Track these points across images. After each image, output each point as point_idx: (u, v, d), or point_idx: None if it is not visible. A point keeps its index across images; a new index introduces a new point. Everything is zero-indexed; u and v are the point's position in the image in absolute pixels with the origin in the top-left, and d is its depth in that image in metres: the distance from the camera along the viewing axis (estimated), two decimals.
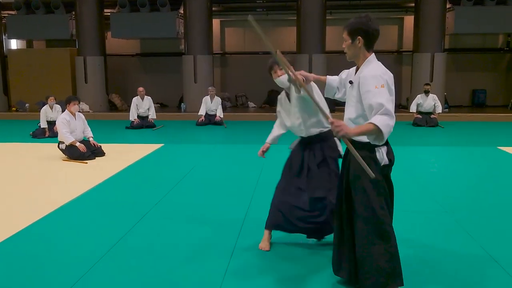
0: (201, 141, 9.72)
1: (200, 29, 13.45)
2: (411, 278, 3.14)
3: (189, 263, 3.51)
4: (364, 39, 2.76)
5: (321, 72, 13.03)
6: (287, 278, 3.27)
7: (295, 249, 3.78)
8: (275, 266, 3.46)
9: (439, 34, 12.89)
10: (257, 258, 3.61)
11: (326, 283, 3.16)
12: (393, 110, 2.64)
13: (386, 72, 2.75)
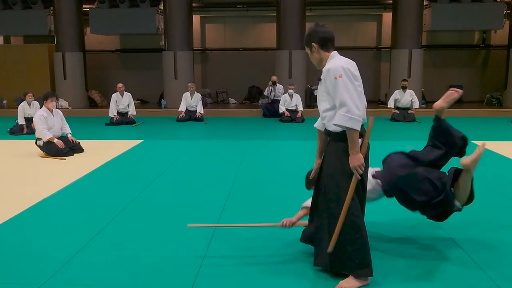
0: (181, 137, 9.74)
1: (180, 25, 13.42)
2: (381, 268, 3.25)
3: (164, 259, 3.55)
4: (317, 43, 3.03)
5: (301, 68, 13.18)
6: (265, 271, 3.35)
7: (270, 247, 3.85)
8: (248, 266, 3.53)
9: (417, 30, 13.08)
10: (230, 258, 3.67)
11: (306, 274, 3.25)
12: (353, 98, 2.81)
13: (347, 62, 2.93)
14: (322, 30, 3.04)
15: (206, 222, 4.28)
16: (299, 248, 3.59)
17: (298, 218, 3.59)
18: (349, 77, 2.83)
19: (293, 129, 10.46)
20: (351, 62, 2.97)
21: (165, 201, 4.98)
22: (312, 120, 13.97)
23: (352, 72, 2.87)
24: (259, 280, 3.18)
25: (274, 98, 12.45)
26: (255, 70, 15.18)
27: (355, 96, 2.81)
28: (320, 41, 3.03)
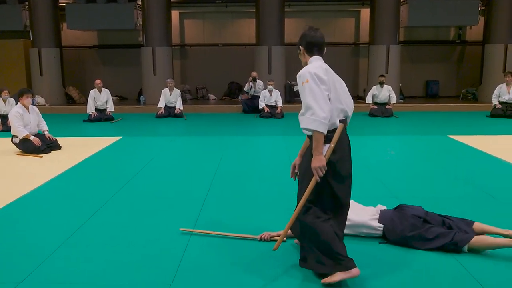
0: (161, 133, 9.70)
1: (159, 20, 13.32)
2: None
3: (144, 257, 3.54)
4: (304, 47, 3.13)
5: (280, 64, 13.21)
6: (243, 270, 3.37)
7: (248, 251, 3.88)
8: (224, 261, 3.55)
9: (394, 26, 13.23)
10: (210, 255, 3.69)
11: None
12: (318, 101, 2.85)
13: (317, 67, 2.97)
14: (311, 35, 3.10)
15: (186, 219, 4.28)
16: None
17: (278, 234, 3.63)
18: (315, 82, 2.88)
19: (273, 125, 10.50)
20: (321, 67, 3.00)
21: (145, 198, 4.97)
22: (292, 115, 14.20)
23: (319, 76, 2.90)
24: (242, 278, 3.21)
25: (254, 94, 12.47)
26: (235, 66, 15.17)
27: (321, 100, 2.85)
28: (306, 45, 3.11)
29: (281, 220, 4.22)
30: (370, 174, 5.87)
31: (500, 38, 13.24)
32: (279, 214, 4.34)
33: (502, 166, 6.30)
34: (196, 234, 3.90)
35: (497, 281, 3.07)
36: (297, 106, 13.32)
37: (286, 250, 3.57)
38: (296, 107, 13.10)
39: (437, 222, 3.61)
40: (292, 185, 5.31)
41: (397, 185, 5.39)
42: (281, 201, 4.79)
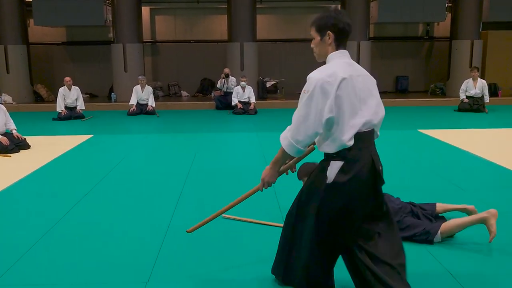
0: (133, 131, 9.59)
1: (129, 16, 13.13)
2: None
3: (117, 256, 3.51)
4: (335, 34, 2.44)
5: (253, 60, 13.22)
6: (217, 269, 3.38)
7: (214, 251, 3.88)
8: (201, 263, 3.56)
9: (364, 23, 13.40)
10: (185, 252, 3.69)
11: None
12: (303, 121, 2.34)
13: (331, 75, 2.33)
14: (344, 20, 2.44)
15: (161, 217, 4.26)
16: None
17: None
18: (317, 96, 2.31)
19: (246, 121, 10.51)
20: (337, 73, 2.33)
21: (118, 197, 4.91)
22: (265, 111, 14.23)
23: (325, 88, 2.30)
24: (218, 274, 3.22)
25: (226, 90, 12.45)
26: (207, 62, 15.10)
27: (307, 120, 2.32)
28: (338, 32, 2.44)
29: (258, 217, 4.25)
30: None
31: (467, 34, 13.58)
32: (255, 211, 4.36)
33: (470, 159, 6.48)
34: (171, 231, 3.89)
35: (467, 270, 3.16)
36: (270, 102, 13.41)
37: (267, 244, 3.60)
38: (269, 103, 13.16)
39: (407, 212, 3.75)
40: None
41: None
42: (258, 198, 4.81)
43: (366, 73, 2.50)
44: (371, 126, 2.41)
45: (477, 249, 3.49)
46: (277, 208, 4.48)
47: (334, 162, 2.40)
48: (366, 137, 2.40)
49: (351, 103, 2.34)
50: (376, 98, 2.45)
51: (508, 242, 3.61)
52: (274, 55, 15.34)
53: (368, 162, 2.40)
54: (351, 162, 2.37)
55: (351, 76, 2.35)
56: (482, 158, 6.47)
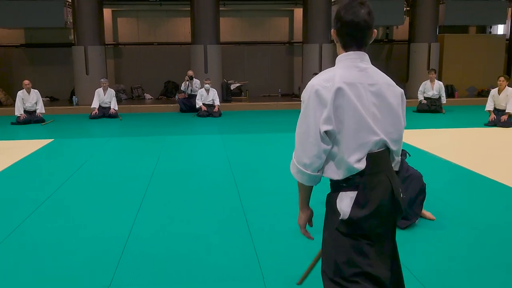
0: (95, 135, 9.46)
1: (90, 18, 12.95)
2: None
3: (77, 262, 3.49)
4: (337, 33, 1.97)
5: (216, 63, 13.26)
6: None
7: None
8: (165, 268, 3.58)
9: (326, 26, 13.63)
10: (147, 261, 3.70)
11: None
12: (304, 139, 1.87)
13: (330, 79, 1.86)
14: (350, 12, 1.88)
15: (123, 221, 4.23)
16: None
17: None
18: (313, 105, 1.85)
19: (211, 124, 10.53)
20: (334, 81, 1.85)
21: (79, 202, 4.87)
22: (229, 114, 14.27)
23: (321, 95, 1.83)
24: (180, 276, 3.25)
25: (191, 93, 12.44)
26: (171, 65, 15.04)
27: (309, 137, 1.86)
28: (340, 29, 1.94)
29: (222, 219, 4.31)
30: None
31: (424, 37, 14.03)
32: (220, 214, 4.41)
33: (428, 158, 6.72)
34: (133, 236, 3.90)
35: (428, 269, 3.31)
36: (235, 104, 13.46)
37: (221, 245, 3.65)
38: (234, 105, 13.22)
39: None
40: (233, 184, 5.41)
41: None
42: (221, 200, 4.87)
43: (386, 82, 1.94)
44: (384, 146, 1.90)
45: (432, 244, 3.65)
46: (245, 224, 4.54)
47: (344, 193, 1.88)
48: (381, 159, 1.89)
49: (356, 116, 1.83)
50: (394, 112, 1.92)
51: (464, 239, 3.79)
52: (238, 57, 15.41)
53: (387, 189, 1.88)
54: (368, 190, 1.85)
55: (359, 84, 1.86)
56: (439, 157, 6.72)
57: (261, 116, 11.75)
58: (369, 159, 1.85)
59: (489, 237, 3.78)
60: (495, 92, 9.75)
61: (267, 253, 3.50)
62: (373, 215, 1.85)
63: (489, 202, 4.69)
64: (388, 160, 1.93)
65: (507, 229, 3.95)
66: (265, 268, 3.26)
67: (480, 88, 14.65)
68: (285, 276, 3.13)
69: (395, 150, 1.94)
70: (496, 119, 9.48)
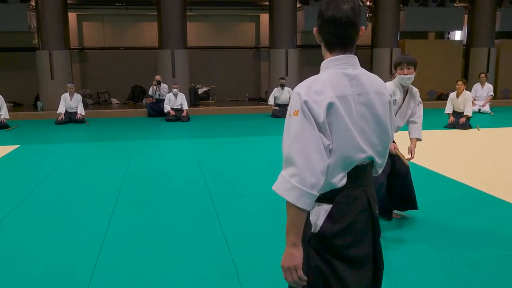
0: (62, 140, 9.36)
1: (55, 22, 12.78)
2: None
3: (49, 271, 3.48)
4: (318, 31, 1.79)
5: (184, 67, 13.31)
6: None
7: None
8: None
9: (292, 31, 13.91)
10: (121, 271, 3.76)
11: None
12: (307, 153, 1.62)
13: (321, 92, 1.66)
14: (331, 7, 1.71)
15: (95, 228, 4.24)
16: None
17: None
18: (306, 118, 1.64)
19: (179, 128, 10.59)
20: (327, 93, 1.66)
21: (49, 209, 4.83)
22: (198, 118, 14.29)
23: (311, 107, 1.64)
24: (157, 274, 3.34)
25: (159, 97, 12.46)
26: (138, 69, 14.98)
27: (312, 151, 1.62)
28: (320, 27, 1.77)
29: (195, 221, 4.41)
30: (273, 170, 6.22)
31: (386, 42, 14.50)
32: (193, 216, 4.51)
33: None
34: (107, 243, 3.94)
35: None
36: (203, 109, 13.55)
37: (194, 248, 3.76)
38: (202, 110, 13.30)
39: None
40: (204, 187, 5.52)
41: None
42: (194, 203, 4.97)
43: (375, 90, 1.76)
44: (367, 160, 1.76)
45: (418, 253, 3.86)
46: (218, 226, 4.66)
47: (319, 205, 1.73)
48: (362, 172, 1.76)
49: (346, 134, 1.68)
50: (382, 124, 1.77)
51: (431, 234, 4.03)
52: (206, 62, 15.50)
53: (364, 205, 1.76)
54: (343, 206, 1.72)
55: (350, 96, 1.69)
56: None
57: (229, 120, 11.88)
58: (350, 173, 1.72)
59: (450, 233, 4.03)
60: (453, 95, 10.21)
61: (242, 253, 3.62)
62: (346, 231, 1.71)
63: (448, 200, 4.97)
64: (369, 174, 1.80)
65: (464, 225, 4.21)
66: (240, 267, 3.38)
67: (440, 92, 15.21)
68: (260, 275, 3.27)
69: (379, 163, 1.81)
70: (455, 122, 9.93)
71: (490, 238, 3.90)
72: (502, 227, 4.14)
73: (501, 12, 15.52)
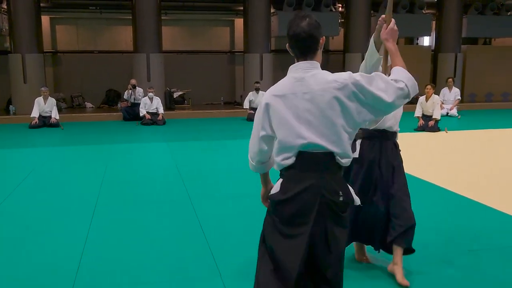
0: (37, 144, 9.31)
1: (28, 25, 12.64)
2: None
3: (30, 276, 3.47)
4: (288, 46, 2.24)
5: (159, 71, 13.36)
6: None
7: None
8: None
9: (266, 36, 14.12)
10: (103, 272, 3.79)
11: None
12: (251, 139, 2.32)
13: (272, 91, 2.22)
14: (293, 24, 2.19)
15: (76, 231, 4.22)
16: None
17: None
18: (259, 112, 2.25)
19: (155, 132, 10.64)
20: (272, 92, 2.22)
21: (26, 214, 4.77)
22: (173, 122, 14.30)
23: (263, 106, 2.22)
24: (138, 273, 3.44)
25: (134, 101, 12.47)
26: (112, 73, 14.94)
27: (254, 137, 2.29)
28: (289, 39, 2.21)
29: (175, 222, 4.51)
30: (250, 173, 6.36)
31: (357, 47, 14.84)
32: (173, 217, 4.61)
33: None
34: (88, 247, 4.00)
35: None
36: (178, 112, 13.59)
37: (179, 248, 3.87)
38: (177, 113, 13.35)
39: None
40: (183, 188, 5.62)
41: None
42: (172, 204, 5.06)
43: (321, 88, 2.12)
44: (320, 148, 2.10)
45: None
46: (198, 226, 4.76)
47: (279, 179, 2.24)
48: (314, 159, 2.11)
49: (283, 123, 2.13)
50: (326, 116, 2.10)
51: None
52: (181, 66, 15.56)
53: (313, 187, 2.10)
54: (291, 181, 2.15)
55: (291, 95, 2.13)
56: None
57: (204, 123, 11.99)
58: (298, 157, 2.12)
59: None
60: (423, 99, 10.58)
61: (222, 252, 3.74)
62: (289, 201, 2.11)
63: (419, 200, 5.21)
64: (323, 161, 2.12)
65: (432, 223, 4.44)
66: (222, 266, 3.50)
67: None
68: (241, 272, 3.41)
69: (337, 151, 2.11)
70: (424, 125, 10.29)
71: (458, 234, 4.13)
72: (469, 224, 4.40)
73: (467, 19, 16.10)
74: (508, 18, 16.60)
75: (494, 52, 16.91)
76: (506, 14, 16.60)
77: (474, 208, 4.92)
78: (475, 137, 9.72)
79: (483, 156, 7.71)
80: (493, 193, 5.45)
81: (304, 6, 14.53)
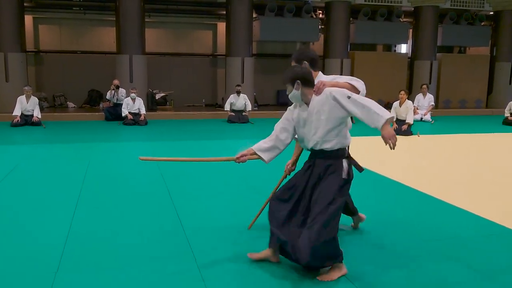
0: (19, 142, 9.40)
1: (11, 25, 12.74)
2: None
3: (13, 273, 3.43)
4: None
5: (142, 72, 13.54)
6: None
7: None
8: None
9: (248, 40, 14.41)
10: (87, 267, 3.90)
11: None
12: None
13: None
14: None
15: (58, 228, 4.26)
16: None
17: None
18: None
19: (137, 132, 10.80)
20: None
21: (10, 210, 4.79)
22: (155, 122, 14.43)
23: None
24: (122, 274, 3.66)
25: (116, 101, 12.62)
26: (95, 73, 15.05)
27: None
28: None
29: (156, 219, 4.72)
30: (230, 172, 6.62)
31: (337, 53, 15.25)
32: (153, 215, 4.77)
33: None
34: (70, 243, 4.17)
35: None
36: (160, 113, 13.76)
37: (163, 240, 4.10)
38: (159, 114, 13.53)
39: None
40: (163, 186, 5.80)
41: (255, 182, 6.21)
42: (153, 202, 5.26)
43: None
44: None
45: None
46: (178, 223, 4.97)
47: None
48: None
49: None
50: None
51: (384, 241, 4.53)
52: (163, 68, 15.76)
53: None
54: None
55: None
56: None
57: (186, 124, 12.20)
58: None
59: (396, 231, 4.55)
60: (397, 104, 10.98)
61: (202, 247, 3.87)
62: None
63: (393, 201, 5.53)
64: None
65: (407, 223, 4.75)
66: (200, 261, 3.66)
67: (387, 101, 16.08)
68: (222, 269, 3.56)
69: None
70: (398, 129, 10.68)
71: (416, 227, 4.45)
72: (428, 218, 4.72)
73: (442, 28, 16.64)
74: (481, 28, 17.22)
75: (468, 60, 17.49)
76: (479, 24, 17.21)
77: (435, 203, 5.24)
78: (446, 141, 10.14)
79: (450, 158, 8.10)
80: (453, 190, 5.80)
81: (285, 12, 14.88)
